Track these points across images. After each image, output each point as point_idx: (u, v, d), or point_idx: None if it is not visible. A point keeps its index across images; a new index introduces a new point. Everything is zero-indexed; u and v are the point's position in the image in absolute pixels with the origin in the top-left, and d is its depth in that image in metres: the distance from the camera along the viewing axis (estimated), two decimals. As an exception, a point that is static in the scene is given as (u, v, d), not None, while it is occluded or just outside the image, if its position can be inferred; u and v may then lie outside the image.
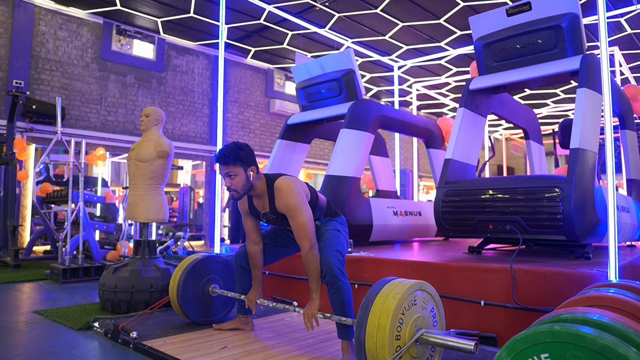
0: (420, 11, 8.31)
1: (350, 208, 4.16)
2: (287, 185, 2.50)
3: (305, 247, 2.44)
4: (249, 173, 2.50)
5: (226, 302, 3.29)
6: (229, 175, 2.47)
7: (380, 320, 1.87)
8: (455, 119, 4.00)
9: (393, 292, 1.94)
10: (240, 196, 2.54)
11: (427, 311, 2.08)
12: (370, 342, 1.87)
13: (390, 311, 1.87)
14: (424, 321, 2.02)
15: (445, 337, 1.92)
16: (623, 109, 4.43)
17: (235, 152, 2.46)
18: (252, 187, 2.55)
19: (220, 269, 3.25)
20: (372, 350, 1.86)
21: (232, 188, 2.49)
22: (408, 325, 1.93)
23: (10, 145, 6.89)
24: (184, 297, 3.02)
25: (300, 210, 2.46)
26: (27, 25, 8.04)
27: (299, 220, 2.45)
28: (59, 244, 5.44)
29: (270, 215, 2.61)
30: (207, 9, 8.54)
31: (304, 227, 2.44)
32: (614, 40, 9.01)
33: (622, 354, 1.17)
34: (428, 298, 2.10)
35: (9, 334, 2.96)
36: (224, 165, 2.46)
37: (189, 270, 3.06)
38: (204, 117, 10.51)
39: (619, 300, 1.70)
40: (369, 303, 1.95)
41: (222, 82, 4.97)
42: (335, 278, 2.43)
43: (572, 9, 3.44)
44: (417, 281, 2.05)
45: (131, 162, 3.77)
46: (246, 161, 2.49)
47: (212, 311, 3.19)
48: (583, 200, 3.01)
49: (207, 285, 3.14)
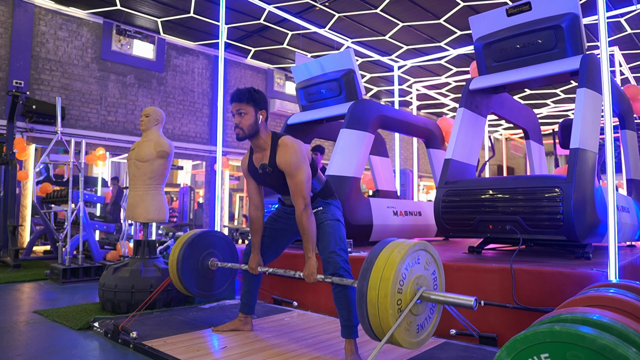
0: (420, 11, 8.31)
1: (350, 208, 4.15)
2: (291, 143, 2.53)
3: (300, 206, 2.45)
4: (258, 116, 2.54)
5: (227, 276, 3.30)
6: (240, 112, 2.52)
7: (385, 272, 1.89)
8: (455, 119, 4.00)
9: (398, 247, 1.97)
10: (245, 135, 2.54)
11: (429, 273, 2.10)
12: (372, 293, 1.88)
13: (395, 263, 1.89)
14: (425, 281, 2.04)
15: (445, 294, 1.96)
16: (623, 109, 4.43)
17: (250, 92, 2.53)
18: (258, 133, 2.56)
19: (219, 244, 3.25)
20: (374, 300, 1.87)
21: (240, 126, 2.52)
22: (410, 281, 1.95)
23: (10, 145, 6.89)
24: (183, 272, 3.02)
25: (300, 169, 2.47)
26: (27, 25, 8.04)
27: (297, 179, 2.46)
28: (59, 244, 5.44)
29: (268, 168, 2.59)
30: (207, 9, 8.54)
31: (301, 186, 2.45)
32: (614, 40, 9.02)
33: (622, 354, 1.17)
34: (431, 260, 2.12)
35: (9, 334, 2.96)
36: (237, 102, 2.52)
37: (188, 245, 3.06)
38: (204, 117, 10.51)
39: (619, 300, 1.70)
40: (373, 258, 1.97)
41: (222, 82, 4.96)
42: (341, 278, 2.43)
43: (572, 9, 3.44)
44: (421, 241, 2.07)
45: (131, 162, 3.77)
46: (258, 103, 2.54)
47: (213, 285, 3.20)
48: (583, 200, 3.01)
49: (206, 259, 3.15)
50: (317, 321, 3.22)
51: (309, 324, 3.13)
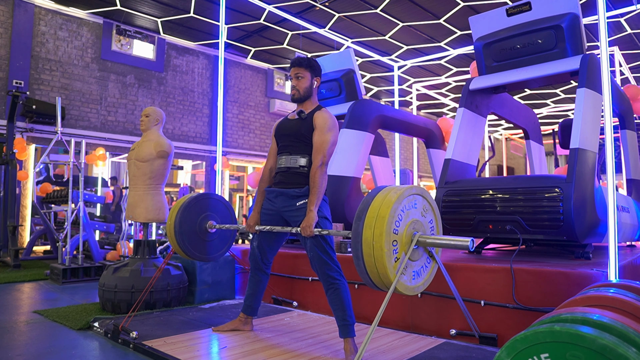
0: (420, 11, 8.31)
1: (350, 208, 4.15)
2: (331, 115, 2.69)
3: (317, 161, 2.54)
4: (313, 81, 2.75)
5: (224, 239, 3.29)
6: (297, 76, 2.72)
7: (380, 211, 1.87)
8: (455, 119, 4.00)
9: (395, 189, 1.96)
10: (300, 97, 2.73)
11: (426, 220, 2.07)
12: (368, 232, 1.85)
13: (391, 203, 1.86)
14: (421, 227, 2.02)
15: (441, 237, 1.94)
16: (623, 109, 4.43)
17: (309, 59, 2.75)
18: (310, 97, 2.75)
19: (217, 206, 3.24)
20: (369, 239, 1.84)
21: (297, 87, 2.72)
22: (407, 224, 1.92)
23: (10, 145, 6.89)
24: (181, 234, 3.01)
25: (332, 132, 2.61)
26: (27, 25, 8.04)
27: (325, 137, 2.58)
28: (59, 244, 5.44)
29: (303, 114, 2.69)
30: (207, 9, 8.54)
31: (326, 144, 2.57)
32: (614, 40, 9.01)
33: (622, 354, 1.17)
34: (428, 208, 2.10)
35: (9, 334, 2.96)
36: (297, 66, 2.72)
37: (185, 207, 3.04)
38: (204, 117, 10.51)
39: (619, 300, 1.70)
40: (369, 199, 1.96)
41: (222, 82, 4.96)
42: (332, 279, 2.45)
43: (572, 9, 3.44)
44: (419, 186, 2.06)
45: (131, 162, 3.77)
46: (315, 70, 2.76)
47: (211, 248, 3.19)
48: (583, 200, 3.01)
49: (204, 222, 3.14)
50: (317, 321, 3.22)
51: (309, 324, 3.13)
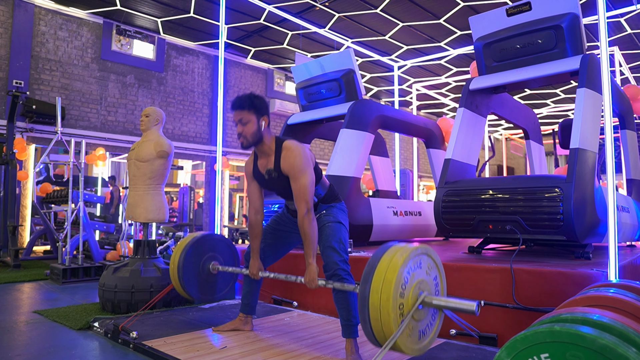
0: (420, 11, 8.31)
1: (350, 208, 4.15)
2: (295, 147, 2.51)
3: (302, 210, 2.43)
4: (261, 122, 2.52)
5: (227, 279, 3.30)
6: (242, 121, 2.49)
7: (387, 275, 1.88)
8: (455, 119, 4.00)
9: (400, 250, 1.96)
10: (249, 144, 2.53)
11: (431, 278, 2.08)
12: (375, 297, 1.87)
13: (397, 266, 1.88)
14: (427, 286, 2.03)
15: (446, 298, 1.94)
16: (623, 109, 4.43)
17: (250, 99, 2.50)
18: (262, 140, 2.55)
19: (220, 246, 3.24)
20: (376, 304, 1.86)
21: (243, 134, 2.50)
22: (412, 286, 1.94)
23: (10, 145, 6.89)
24: (185, 276, 3.01)
25: (304, 173, 2.45)
26: (27, 25, 8.04)
27: (300, 182, 2.45)
28: (59, 244, 5.44)
29: (274, 172, 2.58)
30: (207, 9, 8.54)
31: (304, 190, 2.43)
32: (614, 40, 9.01)
33: (622, 354, 1.17)
34: (432, 265, 2.11)
35: (9, 334, 2.96)
36: (238, 110, 2.49)
37: (189, 249, 3.06)
38: (204, 117, 10.51)
39: (619, 300, 1.70)
40: (375, 261, 1.96)
41: (222, 82, 4.96)
42: (341, 279, 2.43)
43: (572, 9, 3.44)
44: (423, 245, 2.06)
45: (131, 162, 3.77)
46: (260, 110, 2.51)
47: (214, 288, 3.20)
48: (583, 200, 3.01)
49: (207, 263, 3.15)
50: (317, 321, 3.22)
51: (309, 324, 3.13)
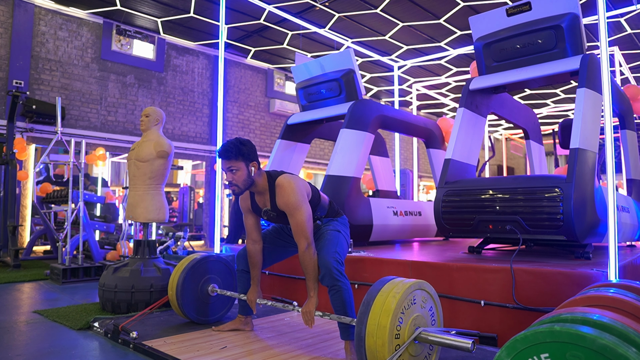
0: (420, 11, 8.31)
1: (350, 208, 4.16)
2: (288, 183, 2.51)
3: (302, 245, 2.45)
4: (250, 168, 2.52)
5: (225, 302, 3.29)
6: (231, 170, 2.49)
7: (381, 319, 1.89)
8: (455, 119, 4.00)
9: (393, 291, 1.96)
10: (241, 191, 2.54)
11: (426, 310, 2.10)
12: (371, 340, 1.89)
13: (391, 310, 1.89)
14: (422, 320, 2.04)
15: (443, 335, 1.95)
16: (623, 109, 4.43)
17: (237, 147, 2.48)
18: (254, 183, 2.57)
19: (219, 269, 3.25)
20: (372, 348, 1.89)
21: (234, 183, 2.50)
22: (407, 324, 1.95)
23: (10, 145, 6.89)
24: (183, 297, 3.02)
25: (300, 209, 2.47)
26: (27, 25, 8.04)
27: (297, 219, 2.46)
28: (59, 244, 5.44)
29: (272, 213, 2.62)
30: (207, 9, 8.54)
31: (302, 226, 2.45)
32: (614, 40, 9.01)
33: (622, 354, 1.17)
34: (427, 297, 2.12)
35: (9, 334, 2.96)
36: (226, 160, 2.49)
37: (188, 270, 3.07)
38: (204, 117, 10.51)
39: (619, 300, 1.70)
40: (369, 301, 1.98)
41: (222, 82, 4.96)
42: (334, 280, 2.44)
43: (572, 9, 3.44)
44: (416, 281, 2.07)
45: (131, 162, 3.77)
46: (248, 156, 2.51)
47: (211, 310, 3.19)
48: (583, 200, 3.01)
49: (206, 285, 3.15)
50: (317, 321, 3.22)
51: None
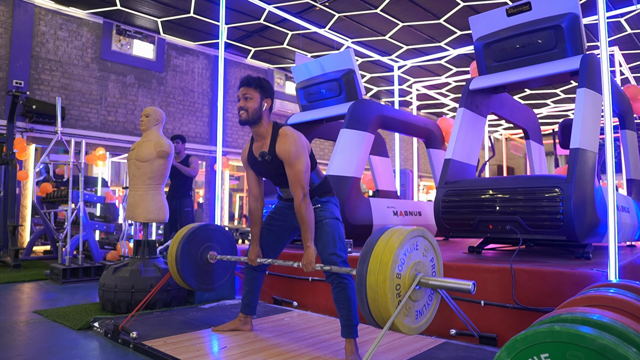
0: (420, 11, 8.31)
1: (350, 208, 4.15)
2: (292, 133, 2.56)
3: (298, 195, 2.47)
4: (263, 102, 2.60)
5: (226, 269, 3.31)
6: (245, 97, 2.57)
7: (383, 257, 1.90)
8: (455, 119, 4.00)
9: (397, 232, 1.99)
10: (247, 119, 2.57)
11: (428, 260, 2.11)
12: (372, 277, 1.90)
13: (394, 248, 1.91)
14: (423, 267, 2.06)
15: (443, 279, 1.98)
16: (623, 109, 4.43)
17: (259, 79, 2.60)
18: (260, 119, 2.60)
19: (218, 237, 3.25)
20: (373, 285, 1.89)
21: (244, 108, 2.57)
22: (409, 267, 1.97)
23: (10, 145, 6.89)
24: (182, 265, 3.02)
25: (300, 158, 2.49)
26: (27, 25, 8.04)
27: (296, 168, 2.48)
28: (59, 244, 5.44)
29: (267, 156, 2.60)
30: (207, 9, 8.54)
31: (300, 176, 2.47)
32: (614, 40, 9.02)
33: (622, 354, 1.17)
34: (429, 247, 2.13)
35: (9, 334, 2.96)
36: (245, 86, 2.58)
37: (187, 238, 3.06)
38: (204, 117, 10.51)
39: (619, 300, 1.70)
40: (373, 242, 1.99)
41: (222, 82, 4.96)
42: (341, 277, 2.44)
43: (572, 9, 3.44)
44: (420, 227, 2.08)
45: (131, 162, 3.77)
46: (265, 91, 2.60)
47: (213, 278, 3.21)
48: (583, 200, 3.01)
49: (205, 253, 3.16)
50: (317, 321, 3.22)
51: (309, 324, 3.13)
